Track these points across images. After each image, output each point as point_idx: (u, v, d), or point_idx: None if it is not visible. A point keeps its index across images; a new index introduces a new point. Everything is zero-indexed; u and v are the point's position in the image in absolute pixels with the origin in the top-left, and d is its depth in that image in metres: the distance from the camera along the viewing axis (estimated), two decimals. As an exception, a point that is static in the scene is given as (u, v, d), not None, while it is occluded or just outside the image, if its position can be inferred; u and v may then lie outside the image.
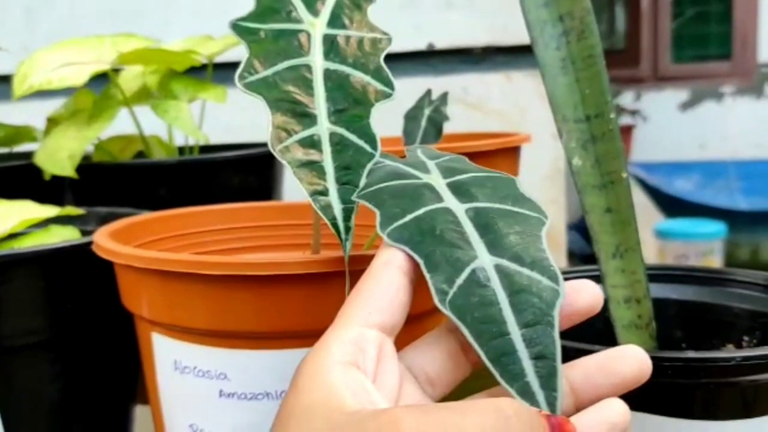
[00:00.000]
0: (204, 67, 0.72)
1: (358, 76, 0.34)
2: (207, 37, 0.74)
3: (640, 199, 2.33)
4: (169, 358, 0.37)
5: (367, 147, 0.32)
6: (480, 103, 0.94)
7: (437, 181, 0.32)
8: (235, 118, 0.88)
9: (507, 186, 0.32)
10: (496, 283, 0.27)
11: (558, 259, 0.98)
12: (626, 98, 3.41)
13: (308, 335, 0.34)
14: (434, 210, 0.29)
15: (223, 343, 0.35)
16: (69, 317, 0.43)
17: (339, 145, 0.32)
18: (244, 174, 0.64)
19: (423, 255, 0.27)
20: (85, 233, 0.50)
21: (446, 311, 0.26)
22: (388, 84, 0.34)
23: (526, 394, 0.25)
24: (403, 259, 0.28)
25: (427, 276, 0.27)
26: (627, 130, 3.33)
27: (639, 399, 0.33)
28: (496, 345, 0.25)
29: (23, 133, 0.72)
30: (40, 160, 0.60)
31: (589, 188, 0.43)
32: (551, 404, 0.24)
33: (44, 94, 0.64)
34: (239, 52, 0.74)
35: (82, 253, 0.42)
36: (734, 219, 2.77)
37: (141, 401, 0.52)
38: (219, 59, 0.72)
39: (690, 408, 0.35)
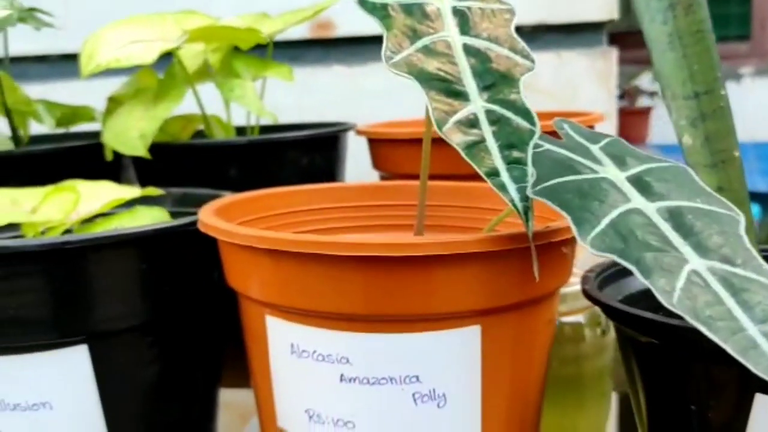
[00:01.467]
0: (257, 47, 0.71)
1: (497, 50, 0.33)
2: (263, 15, 0.72)
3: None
4: (286, 341, 0.36)
5: (526, 123, 0.31)
6: (531, 82, 0.92)
7: (615, 174, 0.31)
8: (284, 99, 0.87)
9: (685, 178, 0.32)
10: (716, 285, 0.27)
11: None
12: (645, 80, 3.38)
13: (433, 318, 0.34)
14: (626, 212, 0.29)
15: (347, 326, 0.34)
16: (167, 300, 0.42)
17: (497, 123, 0.31)
18: (312, 154, 0.63)
19: (633, 261, 0.27)
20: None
21: (677, 310, 0.26)
22: (527, 57, 0.33)
23: None
24: None
25: (645, 280, 0.27)
26: (645, 112, 3.31)
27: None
28: (737, 340, 0.25)
29: (81, 113, 0.71)
30: (108, 140, 0.59)
31: (699, 167, 0.42)
32: None
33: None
34: (288, 32, 0.73)
35: (182, 234, 0.41)
36: (753, 201, 2.75)
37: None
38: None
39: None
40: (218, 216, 0.39)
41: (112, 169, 0.68)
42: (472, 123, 0.31)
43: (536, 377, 0.38)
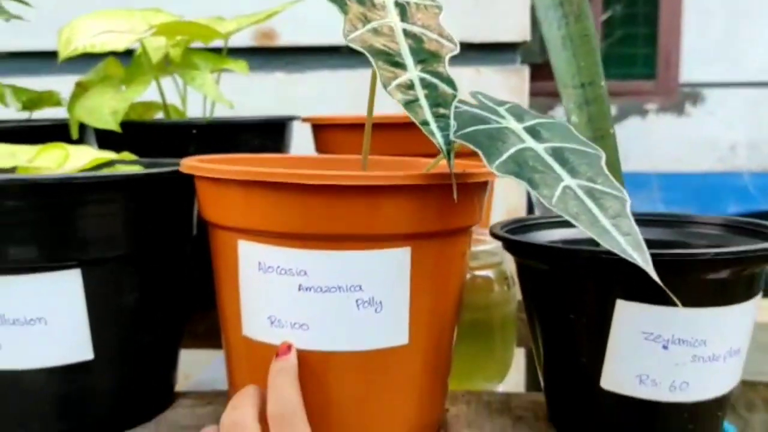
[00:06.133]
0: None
1: (428, 35, 0.43)
2: (218, 18, 0.81)
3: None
4: (254, 260, 0.44)
5: (449, 89, 0.41)
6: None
7: (515, 126, 0.41)
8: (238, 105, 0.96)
9: (565, 130, 0.42)
10: (582, 195, 0.38)
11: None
12: (559, 112, 3.59)
13: (374, 239, 0.43)
14: (521, 149, 0.40)
15: (305, 244, 0.43)
16: (149, 236, 0.50)
17: (428, 87, 0.40)
18: (263, 137, 0.72)
19: (526, 179, 0.37)
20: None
21: (555, 209, 0.37)
22: (452, 41, 0.43)
23: (621, 250, 0.36)
24: None
25: (533, 192, 0.37)
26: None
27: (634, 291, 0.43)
28: (595, 228, 0.36)
29: (47, 98, 0.78)
30: (81, 116, 0.67)
31: (583, 141, 0.53)
32: (637, 249, 0.36)
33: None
34: (234, 40, 0.82)
35: (165, 180, 0.49)
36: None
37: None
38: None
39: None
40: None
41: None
42: (409, 86, 0.41)
43: (452, 297, 0.48)
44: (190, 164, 0.46)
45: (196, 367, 0.78)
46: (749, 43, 3.48)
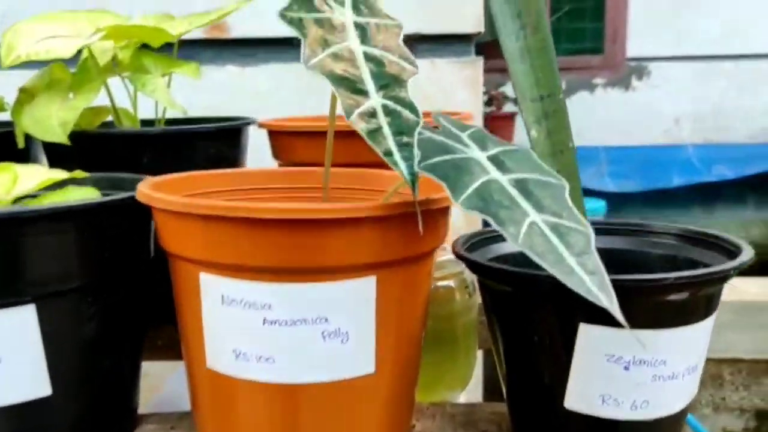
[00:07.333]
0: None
1: (389, 57, 0.42)
2: (167, 16, 0.78)
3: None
4: (217, 293, 0.43)
5: (412, 116, 0.40)
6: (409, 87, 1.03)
7: (479, 155, 0.41)
8: (176, 96, 0.93)
9: (528, 158, 0.42)
10: (547, 231, 0.37)
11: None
12: (509, 87, 3.61)
13: (339, 270, 0.42)
14: (486, 182, 0.39)
15: (270, 277, 0.42)
16: (106, 264, 0.48)
17: (391, 114, 0.40)
18: (218, 144, 0.70)
19: (491, 215, 0.37)
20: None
21: (521, 248, 0.36)
22: (413, 63, 0.43)
23: (586, 291, 0.35)
24: None
25: (499, 228, 0.37)
26: (509, 117, 3.54)
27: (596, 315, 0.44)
28: (561, 267, 0.36)
29: (-11, 103, 0.74)
30: (28, 127, 0.64)
31: (544, 155, 0.53)
32: (603, 289, 0.35)
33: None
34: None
35: (120, 207, 0.48)
36: (602, 198, 3.04)
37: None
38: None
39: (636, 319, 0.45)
40: (153, 191, 0.46)
41: (23, 155, 0.72)
42: (371, 114, 0.40)
43: (418, 322, 0.48)
44: (146, 194, 0.45)
45: (159, 380, 0.77)
46: (694, 16, 3.54)
